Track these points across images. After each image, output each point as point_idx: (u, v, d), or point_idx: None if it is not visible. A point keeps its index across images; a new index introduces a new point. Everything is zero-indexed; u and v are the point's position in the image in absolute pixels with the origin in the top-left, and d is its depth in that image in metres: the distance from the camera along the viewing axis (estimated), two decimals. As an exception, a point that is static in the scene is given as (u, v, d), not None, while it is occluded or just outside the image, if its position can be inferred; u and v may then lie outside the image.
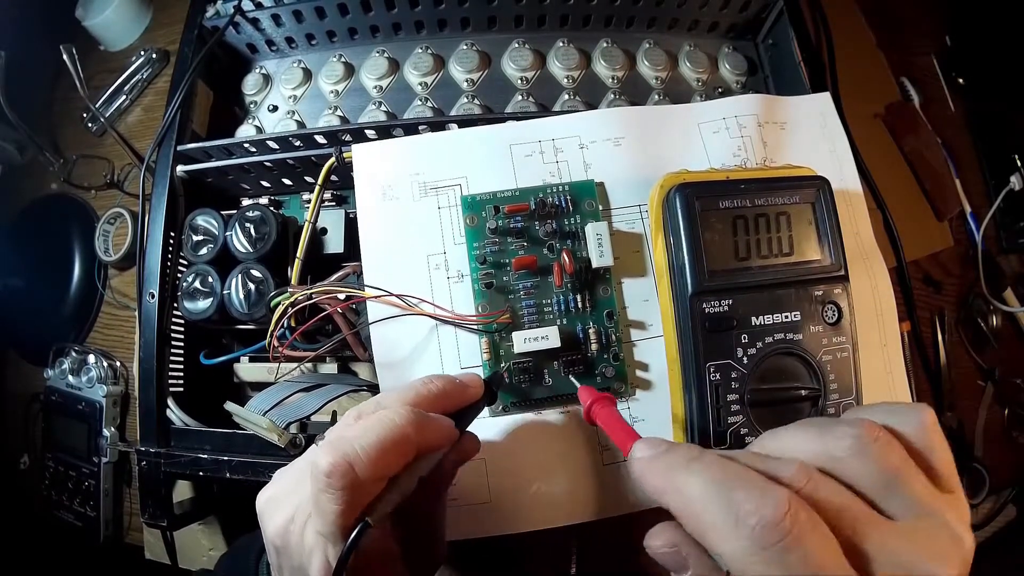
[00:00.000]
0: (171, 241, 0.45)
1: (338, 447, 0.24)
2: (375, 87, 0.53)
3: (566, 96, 0.52)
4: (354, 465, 0.23)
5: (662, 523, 0.23)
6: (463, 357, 0.37)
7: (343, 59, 0.54)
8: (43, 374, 0.61)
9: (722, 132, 0.40)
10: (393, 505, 0.25)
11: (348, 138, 0.45)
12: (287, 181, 0.49)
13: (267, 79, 0.55)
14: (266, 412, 0.38)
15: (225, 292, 0.42)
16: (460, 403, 0.30)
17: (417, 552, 0.30)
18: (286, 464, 0.30)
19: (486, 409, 0.35)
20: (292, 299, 0.38)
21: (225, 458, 0.40)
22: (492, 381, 0.33)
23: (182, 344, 0.46)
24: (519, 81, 0.53)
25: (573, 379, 0.35)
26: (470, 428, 0.31)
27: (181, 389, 0.45)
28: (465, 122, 0.43)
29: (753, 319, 0.32)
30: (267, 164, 0.45)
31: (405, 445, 0.25)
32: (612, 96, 0.52)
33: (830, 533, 0.19)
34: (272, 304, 0.39)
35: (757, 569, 0.18)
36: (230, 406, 0.39)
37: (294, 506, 0.27)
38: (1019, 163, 0.64)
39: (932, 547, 0.20)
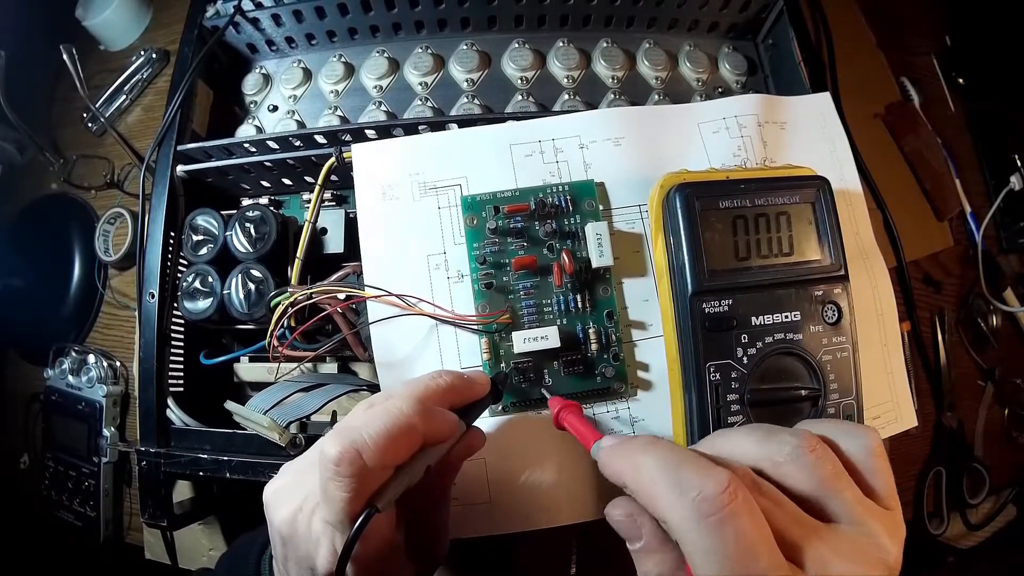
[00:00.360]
0: (171, 241, 0.45)
1: (346, 435, 0.24)
2: (375, 87, 0.53)
3: (566, 96, 0.52)
4: (362, 452, 0.24)
5: (621, 496, 0.25)
6: (463, 357, 0.37)
7: (343, 59, 0.54)
8: (43, 374, 0.61)
9: (722, 132, 0.40)
10: (399, 493, 0.26)
11: (348, 138, 0.45)
12: (287, 181, 0.49)
13: (267, 79, 0.55)
14: (266, 411, 0.38)
15: (225, 292, 0.42)
16: (467, 399, 0.31)
17: (420, 546, 0.30)
18: (285, 463, 0.30)
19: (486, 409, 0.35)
20: (292, 299, 0.38)
21: (225, 458, 0.40)
22: (497, 380, 0.33)
23: (182, 344, 0.46)
24: (519, 81, 0.53)
25: (544, 391, 0.35)
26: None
27: (181, 389, 0.45)
28: (465, 122, 0.43)
29: (753, 319, 0.32)
30: (267, 164, 0.45)
31: (412, 434, 0.26)
32: (612, 96, 0.52)
33: (764, 519, 0.21)
34: (272, 304, 0.39)
35: (694, 536, 0.21)
36: (230, 405, 0.39)
37: (301, 496, 0.27)
38: (1019, 163, 0.64)
39: (855, 552, 0.22)
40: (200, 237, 0.44)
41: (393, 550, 0.27)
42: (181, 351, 0.45)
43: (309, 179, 0.48)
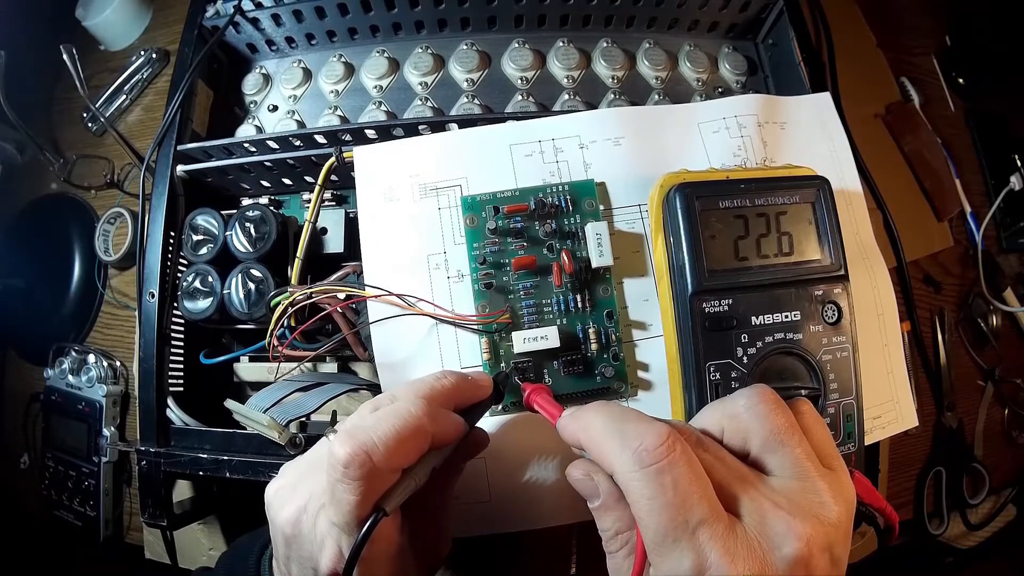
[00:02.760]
0: (171, 241, 0.45)
1: (356, 437, 0.24)
2: (375, 87, 0.53)
3: (566, 96, 0.52)
4: (371, 455, 0.24)
5: (579, 459, 0.27)
6: (463, 357, 0.37)
7: (343, 59, 0.54)
8: (43, 374, 0.61)
9: (722, 132, 0.40)
10: (406, 496, 0.26)
11: (348, 138, 0.45)
12: (287, 181, 0.49)
13: (267, 79, 0.55)
14: (266, 410, 0.38)
15: (225, 292, 0.42)
16: (470, 400, 0.31)
17: (423, 545, 0.30)
18: (286, 463, 0.30)
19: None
20: (292, 299, 0.38)
21: (225, 458, 0.40)
22: (499, 380, 0.33)
23: (182, 344, 0.45)
24: (519, 81, 0.53)
25: (516, 379, 0.36)
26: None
27: (181, 389, 0.45)
28: (465, 122, 0.43)
29: (753, 319, 0.32)
30: (267, 164, 0.45)
31: (421, 436, 0.26)
32: (612, 96, 0.52)
33: (703, 470, 0.22)
34: (272, 304, 0.39)
35: (637, 485, 0.22)
36: (230, 404, 0.39)
37: (305, 497, 0.27)
38: (1019, 163, 0.64)
39: (793, 505, 0.22)
40: (200, 237, 0.44)
41: (397, 551, 0.28)
42: (181, 351, 0.45)
43: (309, 179, 0.48)
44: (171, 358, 0.44)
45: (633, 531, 0.24)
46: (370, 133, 0.44)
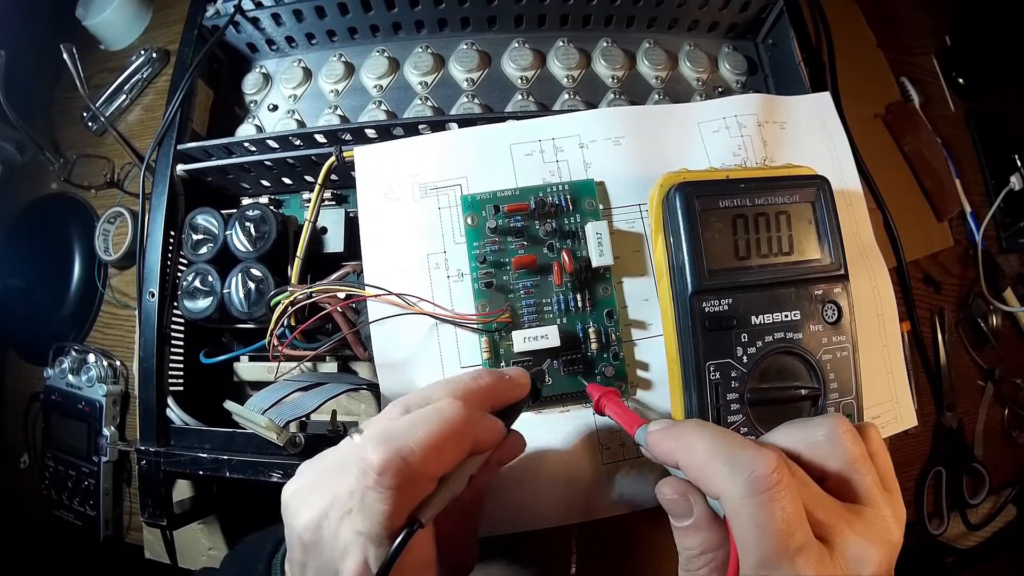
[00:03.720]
0: (171, 240, 0.45)
1: (390, 442, 0.22)
2: (375, 86, 0.53)
3: (566, 95, 0.52)
4: (408, 462, 0.22)
5: (670, 477, 0.26)
6: (463, 356, 0.37)
7: (343, 58, 0.54)
8: (43, 373, 0.61)
9: (722, 131, 0.40)
10: (443, 506, 0.24)
11: (348, 137, 0.45)
12: (287, 180, 0.49)
13: (267, 78, 0.55)
14: (265, 411, 0.37)
15: (225, 291, 0.42)
16: (508, 400, 0.29)
17: (453, 553, 0.28)
18: (285, 463, 0.29)
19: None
20: (292, 298, 0.38)
21: (225, 457, 0.40)
22: (536, 378, 0.31)
23: (182, 343, 0.45)
24: (519, 80, 0.53)
25: (581, 379, 0.36)
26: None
27: (181, 388, 0.45)
28: (465, 121, 0.43)
29: (753, 318, 0.32)
30: (267, 163, 0.45)
31: (460, 442, 0.25)
32: (612, 96, 0.52)
33: (800, 499, 0.23)
34: (272, 303, 0.39)
35: (746, 511, 0.22)
36: (229, 405, 0.39)
37: (327, 501, 0.25)
38: (1019, 163, 0.64)
39: (872, 532, 0.23)
40: (200, 236, 0.44)
41: (424, 563, 0.26)
42: (181, 350, 0.45)
43: (309, 178, 0.48)
44: (171, 358, 0.44)
45: (719, 552, 0.24)
46: (370, 132, 0.44)
